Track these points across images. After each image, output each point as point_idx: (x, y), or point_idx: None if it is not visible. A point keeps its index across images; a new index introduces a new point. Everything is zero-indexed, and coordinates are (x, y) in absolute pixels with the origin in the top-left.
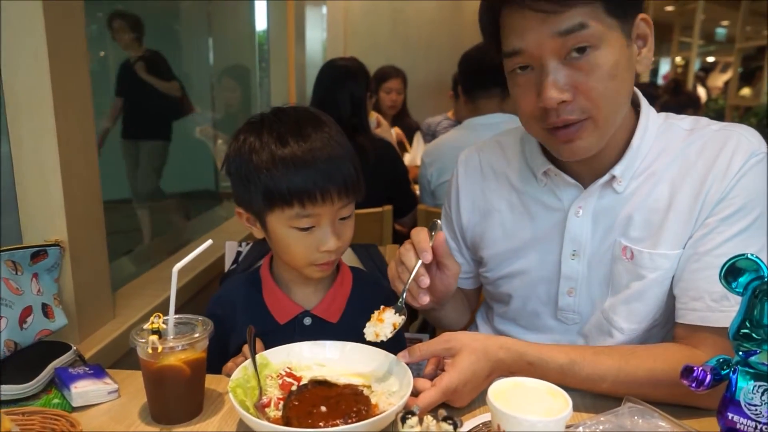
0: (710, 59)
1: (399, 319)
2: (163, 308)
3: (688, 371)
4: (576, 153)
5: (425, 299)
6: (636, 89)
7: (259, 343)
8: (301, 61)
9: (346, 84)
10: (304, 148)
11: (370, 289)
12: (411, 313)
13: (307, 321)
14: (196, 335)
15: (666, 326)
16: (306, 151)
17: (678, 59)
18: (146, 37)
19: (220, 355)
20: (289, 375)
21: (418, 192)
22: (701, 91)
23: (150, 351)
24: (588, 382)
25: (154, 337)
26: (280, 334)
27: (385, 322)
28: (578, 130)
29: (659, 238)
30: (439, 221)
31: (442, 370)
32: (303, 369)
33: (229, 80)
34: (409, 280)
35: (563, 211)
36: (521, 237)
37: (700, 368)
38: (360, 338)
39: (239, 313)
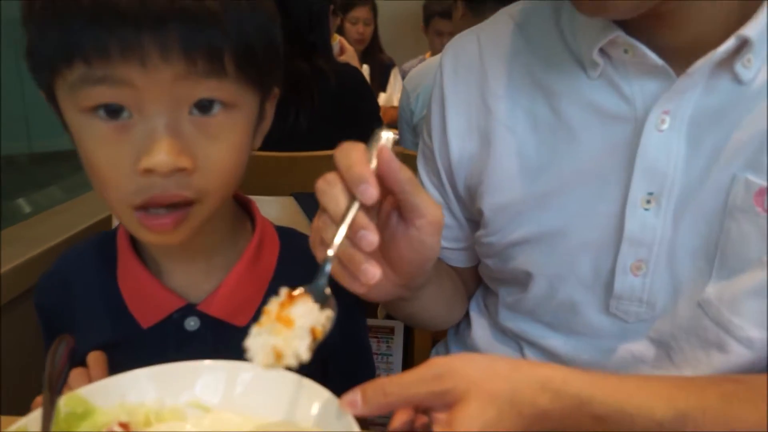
0: None
1: (322, 318)
2: None
3: None
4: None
5: (372, 275)
6: None
7: (98, 365)
8: None
9: None
10: None
11: (312, 263)
12: None
13: (192, 324)
14: None
15: None
16: None
17: None
18: None
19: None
20: None
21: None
22: None
23: None
24: None
25: None
26: (145, 346)
27: (295, 326)
28: None
29: None
30: (385, 131)
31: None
32: (165, 419)
33: None
34: (336, 240)
35: (634, 120)
36: (553, 172)
37: None
38: None
39: (80, 305)
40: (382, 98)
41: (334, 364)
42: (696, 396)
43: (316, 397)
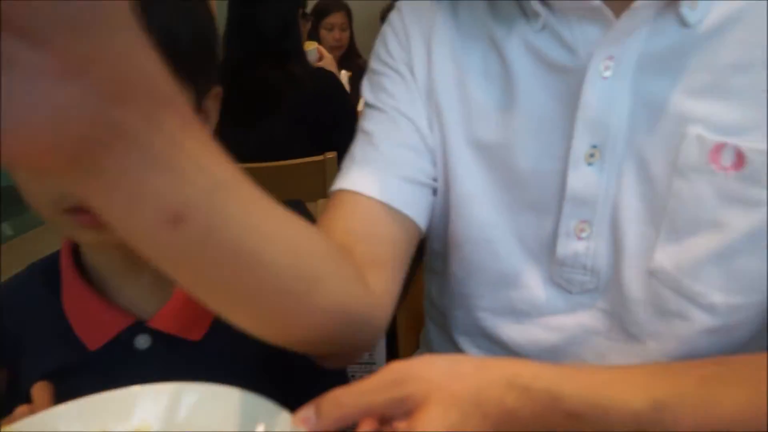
0: None
1: None
2: None
3: None
4: None
5: None
6: None
7: (42, 396)
8: None
9: None
10: None
11: None
12: None
13: (143, 342)
14: None
15: None
16: None
17: None
18: None
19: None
20: None
21: None
22: None
23: None
24: None
25: None
26: (94, 370)
27: None
28: None
29: None
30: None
31: None
32: None
33: None
34: None
35: (577, 70)
36: (498, 125)
37: None
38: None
39: (26, 333)
40: (362, 103)
41: (300, 364)
42: (673, 382)
43: (267, 414)
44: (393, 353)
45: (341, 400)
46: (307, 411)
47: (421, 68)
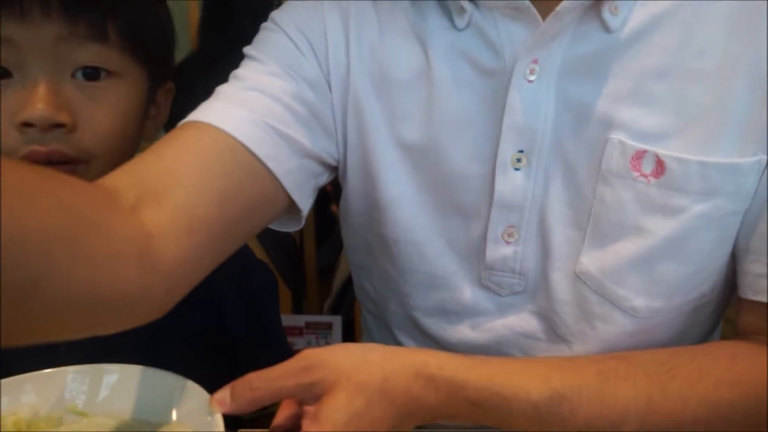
0: None
1: None
2: None
3: None
4: None
5: None
6: None
7: None
8: None
9: None
10: None
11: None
12: (324, 282)
13: None
14: None
15: (716, 301)
16: None
17: None
18: None
19: None
20: None
21: None
22: None
23: None
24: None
25: None
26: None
27: None
28: None
29: (714, 132)
30: None
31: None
32: (39, 427)
33: None
34: None
35: (502, 73)
36: (420, 124)
37: None
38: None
39: None
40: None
41: (243, 352)
42: (573, 375)
43: (186, 394)
44: (351, 340)
45: (254, 384)
46: (223, 393)
47: (338, 61)
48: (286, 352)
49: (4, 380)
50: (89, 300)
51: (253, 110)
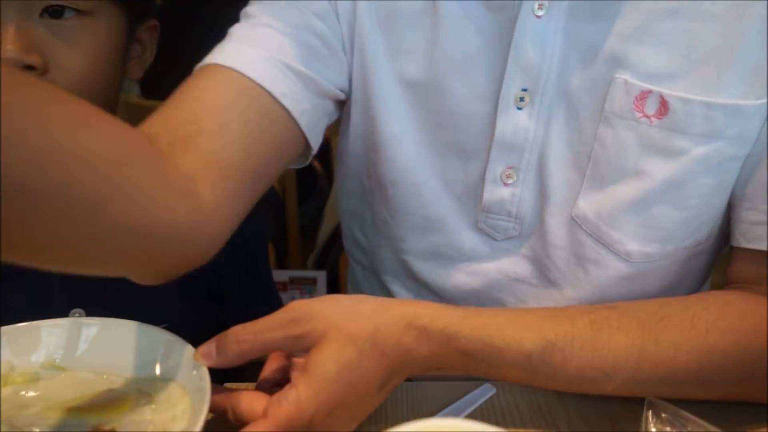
0: None
1: None
2: None
3: None
4: None
5: None
6: None
7: None
8: None
9: None
10: None
11: None
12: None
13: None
14: None
15: (709, 251)
16: None
17: None
18: None
19: None
20: None
21: None
22: None
23: None
24: (580, 381)
25: None
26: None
27: None
28: None
29: (721, 73)
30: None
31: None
32: (15, 382)
33: None
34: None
35: (510, 9)
36: (424, 60)
37: None
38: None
39: None
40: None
41: (231, 303)
42: (565, 325)
43: (170, 348)
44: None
45: (240, 336)
46: (208, 346)
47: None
48: (276, 302)
49: None
50: (145, 229)
51: (265, 47)
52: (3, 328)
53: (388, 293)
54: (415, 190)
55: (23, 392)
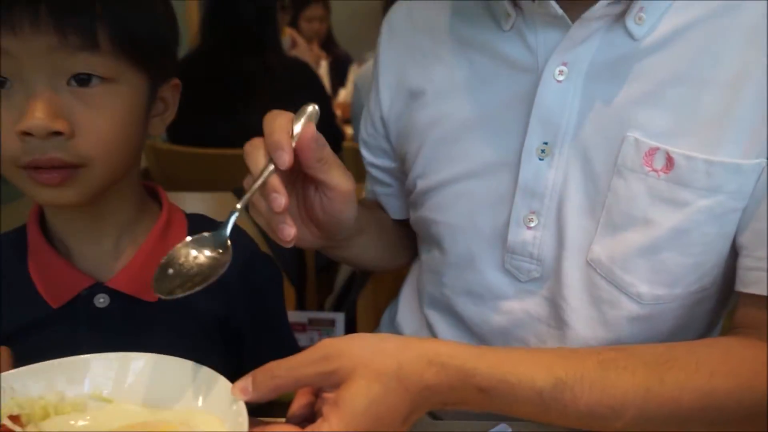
0: None
1: None
2: None
3: None
4: None
5: (287, 234)
6: None
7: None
8: None
9: None
10: None
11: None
12: (325, 279)
13: (102, 300)
14: None
15: (715, 297)
16: None
17: None
18: None
19: None
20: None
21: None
22: None
23: None
24: (590, 418)
25: None
26: (56, 326)
27: None
28: None
29: (722, 135)
30: (312, 106)
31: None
32: (65, 411)
33: None
34: (246, 196)
35: (536, 71)
36: (464, 114)
37: None
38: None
39: None
40: (342, 95)
41: (247, 343)
42: (575, 364)
43: (209, 383)
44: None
45: (275, 372)
46: (245, 382)
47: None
48: (293, 345)
49: (33, 366)
50: None
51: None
52: (57, 360)
53: (428, 325)
54: (452, 233)
55: (72, 421)
